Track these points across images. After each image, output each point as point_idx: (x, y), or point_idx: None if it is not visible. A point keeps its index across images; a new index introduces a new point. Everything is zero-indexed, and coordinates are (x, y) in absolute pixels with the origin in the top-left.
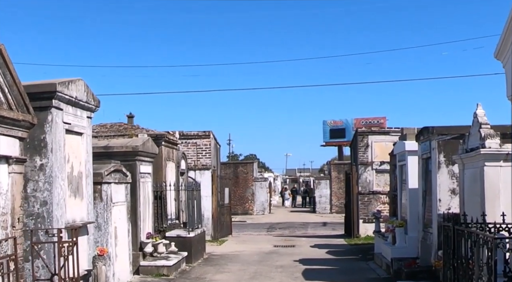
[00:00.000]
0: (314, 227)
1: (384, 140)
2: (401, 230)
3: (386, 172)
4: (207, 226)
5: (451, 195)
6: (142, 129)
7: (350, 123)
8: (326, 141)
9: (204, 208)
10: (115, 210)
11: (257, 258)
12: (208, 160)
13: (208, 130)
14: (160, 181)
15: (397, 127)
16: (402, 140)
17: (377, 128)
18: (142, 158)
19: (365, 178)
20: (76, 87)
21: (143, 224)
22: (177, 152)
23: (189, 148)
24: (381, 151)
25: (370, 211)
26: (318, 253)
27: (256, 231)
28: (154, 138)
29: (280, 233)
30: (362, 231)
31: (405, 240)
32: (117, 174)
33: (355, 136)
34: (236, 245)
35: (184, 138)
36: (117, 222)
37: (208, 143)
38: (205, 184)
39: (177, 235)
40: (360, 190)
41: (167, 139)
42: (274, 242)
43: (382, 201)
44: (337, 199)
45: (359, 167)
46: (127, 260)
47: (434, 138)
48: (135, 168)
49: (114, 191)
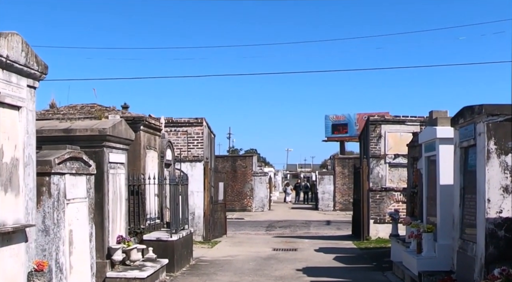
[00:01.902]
0: (317, 226)
1: (399, 130)
2: (430, 236)
3: (401, 166)
4: (198, 225)
5: (503, 193)
6: (118, 111)
7: (352, 118)
8: (328, 136)
9: (195, 205)
10: (71, 208)
11: (253, 265)
12: (200, 151)
13: (201, 117)
14: (138, 173)
15: (413, 116)
16: (430, 125)
17: (390, 117)
18: (112, 144)
19: (377, 172)
20: (8, 44)
21: (113, 225)
22: (161, 139)
23: (178, 136)
24: (396, 142)
25: (382, 210)
26: (324, 259)
27: (254, 229)
28: (130, 122)
29: (280, 233)
30: (372, 233)
31: (434, 249)
32: (74, 163)
33: (366, 125)
34: (230, 248)
35: (173, 126)
36: (74, 223)
37: (200, 131)
38: (196, 177)
39: (157, 238)
40: (371, 186)
41: (147, 124)
42: (273, 244)
43: (396, 198)
44: (341, 195)
45: (371, 161)
46: (87, 271)
47: (482, 120)
48: (102, 156)
49: (69, 184)
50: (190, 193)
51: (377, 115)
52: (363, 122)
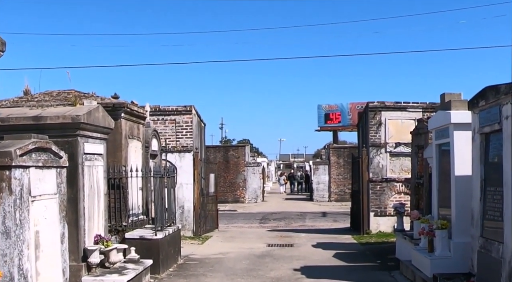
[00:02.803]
0: (313, 218)
1: (400, 117)
2: (444, 233)
3: (402, 155)
4: (188, 219)
5: None
6: (97, 97)
7: (345, 107)
8: (321, 125)
9: (184, 198)
10: (38, 206)
11: (246, 264)
12: (190, 140)
13: (190, 105)
14: (119, 165)
15: (415, 102)
16: (443, 109)
17: (391, 104)
18: (88, 133)
19: (377, 162)
20: None
21: (89, 223)
22: (146, 128)
23: (166, 125)
24: (397, 130)
25: (382, 202)
26: (323, 256)
27: (247, 222)
28: (110, 109)
29: (274, 225)
30: (373, 226)
31: (449, 247)
32: (41, 154)
33: (365, 112)
34: (221, 244)
35: (160, 115)
36: (41, 224)
37: (189, 119)
38: (186, 169)
39: (140, 236)
40: (372, 177)
41: (129, 111)
42: (268, 239)
43: (397, 190)
44: (336, 186)
45: (370, 150)
46: (59, 277)
47: (508, 101)
48: (76, 146)
49: (35, 179)
50: (179, 186)
51: (376, 102)
52: (356, 112)
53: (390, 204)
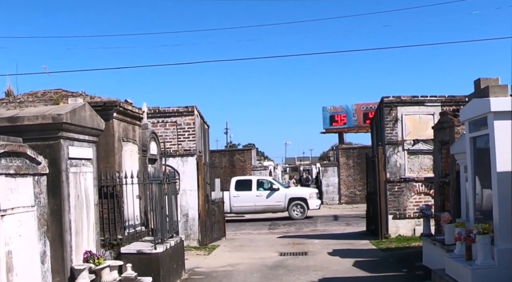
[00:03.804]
0: (324, 222)
1: (417, 112)
2: (486, 239)
3: (421, 152)
4: (192, 228)
5: None
6: (87, 96)
7: (350, 109)
8: (326, 127)
9: (188, 205)
10: (9, 221)
11: (258, 278)
12: (192, 143)
13: (191, 105)
14: (112, 171)
15: (433, 96)
16: (479, 97)
17: (407, 98)
18: (72, 135)
19: (394, 161)
20: None
21: (77, 239)
22: (144, 130)
23: (167, 128)
24: (414, 126)
25: (401, 203)
26: (342, 266)
27: (256, 228)
28: (100, 108)
29: (285, 231)
30: (392, 230)
31: (493, 255)
32: (14, 160)
33: (380, 107)
34: (229, 254)
35: (160, 116)
36: (15, 242)
37: (191, 121)
38: (189, 174)
39: (137, 250)
40: (389, 177)
41: (122, 110)
42: (279, 247)
43: (417, 190)
44: (346, 188)
45: (386, 148)
46: None
47: None
48: (58, 151)
49: (5, 189)
50: (182, 192)
51: (392, 97)
52: (361, 113)
53: (409, 206)
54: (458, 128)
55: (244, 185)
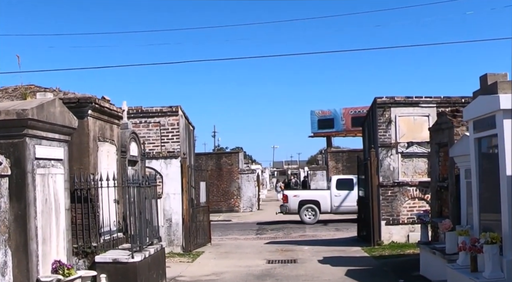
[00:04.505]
0: (313, 227)
1: (412, 113)
2: (495, 249)
3: (415, 156)
4: (176, 234)
5: None
6: (60, 92)
7: (338, 113)
8: (315, 131)
9: (171, 209)
10: None
11: None
12: (176, 145)
13: (176, 105)
14: (86, 173)
15: (428, 96)
16: (485, 94)
17: (401, 99)
18: (40, 133)
19: (387, 164)
20: None
21: (44, 247)
22: (123, 130)
23: (150, 129)
24: (409, 127)
25: (395, 208)
26: (334, 275)
27: (243, 233)
28: (74, 105)
29: (272, 237)
30: (385, 236)
31: (501, 266)
32: None
33: (372, 108)
34: (214, 262)
35: (143, 117)
36: None
37: (175, 121)
38: (172, 176)
39: (113, 259)
40: (382, 181)
41: (99, 108)
42: (267, 254)
43: (411, 195)
44: None
45: (379, 151)
46: None
47: None
48: (23, 150)
49: None
50: (165, 196)
51: (385, 97)
52: (349, 117)
53: (403, 211)
54: (457, 129)
55: (346, 184)
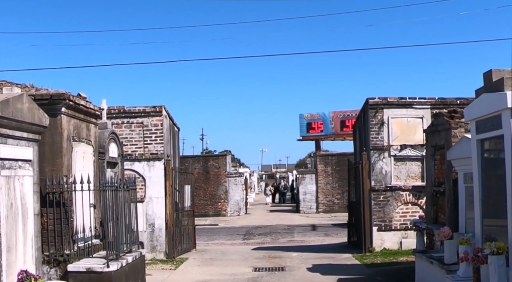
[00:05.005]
0: (302, 232)
1: (405, 115)
2: (501, 260)
3: (409, 159)
4: (159, 239)
5: None
6: (32, 88)
7: (327, 116)
8: (303, 135)
9: (154, 214)
10: None
11: None
12: (160, 147)
13: (159, 105)
14: (59, 175)
15: (422, 97)
16: (489, 92)
17: (394, 99)
18: (4, 131)
19: (379, 168)
20: None
21: (9, 256)
22: (102, 130)
23: (132, 129)
24: (402, 130)
25: (387, 214)
26: None
27: (229, 238)
28: (45, 101)
29: (260, 242)
30: (377, 243)
31: (507, 278)
32: None
33: (364, 110)
34: (198, 269)
35: (125, 117)
36: None
37: (159, 122)
38: (156, 179)
39: (87, 268)
40: (374, 186)
41: (73, 105)
42: (254, 261)
43: (404, 200)
44: (324, 196)
45: (371, 153)
46: None
47: None
48: None
49: None
50: (148, 200)
51: (377, 98)
52: (338, 121)
53: (396, 217)
54: (455, 131)
55: None
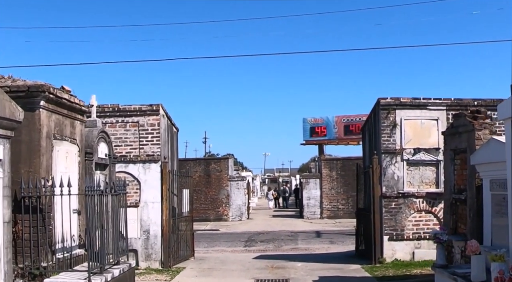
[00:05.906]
0: (306, 239)
1: (419, 117)
2: None
3: (422, 163)
4: (154, 247)
5: None
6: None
7: (331, 121)
8: (307, 139)
9: (149, 220)
10: None
11: None
12: (156, 148)
13: (156, 104)
14: (37, 178)
15: (437, 98)
16: None
17: (407, 100)
18: None
19: (391, 173)
20: None
21: None
22: (90, 128)
23: (127, 129)
24: (416, 132)
25: (399, 222)
26: None
27: (230, 245)
28: (22, 94)
29: (262, 249)
30: (388, 253)
31: None
32: None
33: (375, 111)
34: (195, 280)
35: (120, 116)
36: None
37: (156, 122)
38: (151, 183)
39: None
40: (385, 192)
41: (54, 99)
42: (256, 272)
43: (417, 207)
44: (328, 201)
45: (383, 157)
46: None
47: None
48: None
49: None
50: (143, 205)
51: (389, 98)
52: (342, 125)
53: (408, 225)
54: (479, 133)
55: None
